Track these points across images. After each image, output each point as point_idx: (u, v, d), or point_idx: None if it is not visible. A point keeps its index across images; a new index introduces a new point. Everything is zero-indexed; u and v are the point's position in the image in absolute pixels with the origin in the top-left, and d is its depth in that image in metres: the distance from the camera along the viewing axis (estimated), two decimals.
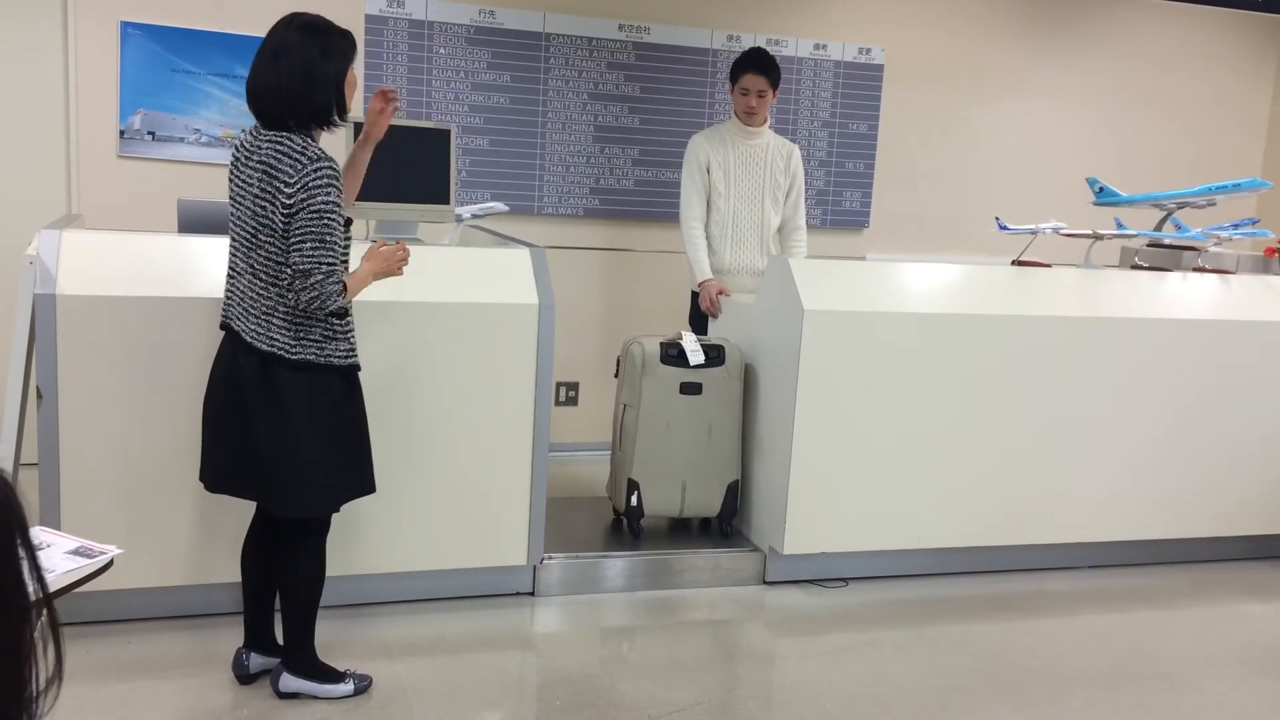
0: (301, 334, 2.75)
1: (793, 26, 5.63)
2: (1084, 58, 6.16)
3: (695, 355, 4.02)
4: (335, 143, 4.80)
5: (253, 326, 2.76)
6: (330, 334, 2.79)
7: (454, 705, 3.05)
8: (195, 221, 3.62)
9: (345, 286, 2.74)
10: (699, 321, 4.60)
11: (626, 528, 4.10)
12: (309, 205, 2.65)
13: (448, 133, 3.75)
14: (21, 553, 0.97)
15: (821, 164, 5.78)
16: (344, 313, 2.80)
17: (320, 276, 2.66)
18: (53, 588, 1.48)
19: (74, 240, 3.21)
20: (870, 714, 3.13)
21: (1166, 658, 3.65)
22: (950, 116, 5.97)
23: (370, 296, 3.40)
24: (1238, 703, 3.34)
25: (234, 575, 3.11)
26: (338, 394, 2.84)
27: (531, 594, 3.80)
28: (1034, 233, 4.44)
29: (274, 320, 2.74)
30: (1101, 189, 5.08)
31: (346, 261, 2.81)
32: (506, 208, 4.44)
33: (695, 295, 4.63)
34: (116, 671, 3.08)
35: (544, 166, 5.34)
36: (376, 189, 3.61)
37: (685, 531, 4.22)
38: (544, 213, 5.37)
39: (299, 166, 2.66)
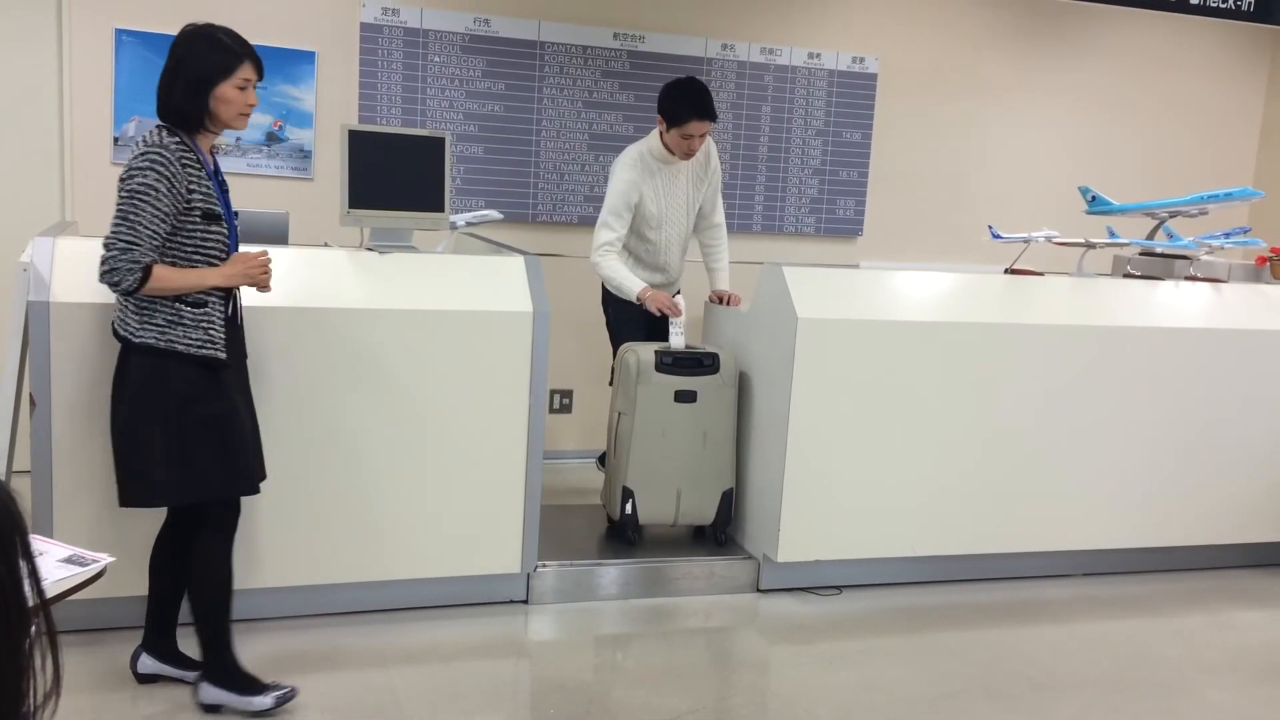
0: (145, 318, 2.78)
1: (787, 35, 5.65)
2: (1077, 67, 6.18)
3: (678, 339, 4.07)
4: (330, 144, 4.83)
5: (116, 312, 2.85)
6: (175, 319, 2.78)
7: (447, 713, 3.05)
8: None
9: (147, 270, 2.69)
10: (623, 330, 4.40)
11: (621, 535, 4.10)
12: (125, 185, 2.72)
13: (442, 141, 3.76)
14: (22, 562, 0.96)
15: (815, 172, 5.79)
16: (201, 302, 2.79)
17: (113, 253, 2.69)
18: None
19: (68, 247, 3.20)
20: None
21: (1161, 664, 3.66)
22: (944, 125, 5.98)
23: (366, 304, 3.42)
24: (1232, 709, 3.34)
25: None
26: (193, 386, 2.80)
27: (525, 602, 3.80)
28: (1027, 241, 4.45)
29: (128, 304, 2.80)
30: (1094, 198, 5.10)
31: (219, 258, 2.84)
32: (501, 215, 4.45)
33: (617, 304, 4.39)
34: (108, 680, 3.07)
35: (538, 174, 5.35)
36: (371, 197, 3.62)
37: (679, 539, 4.22)
38: (538, 220, 5.37)
39: (133, 151, 2.77)
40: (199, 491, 2.87)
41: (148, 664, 3.06)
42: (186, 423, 2.80)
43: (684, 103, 4.15)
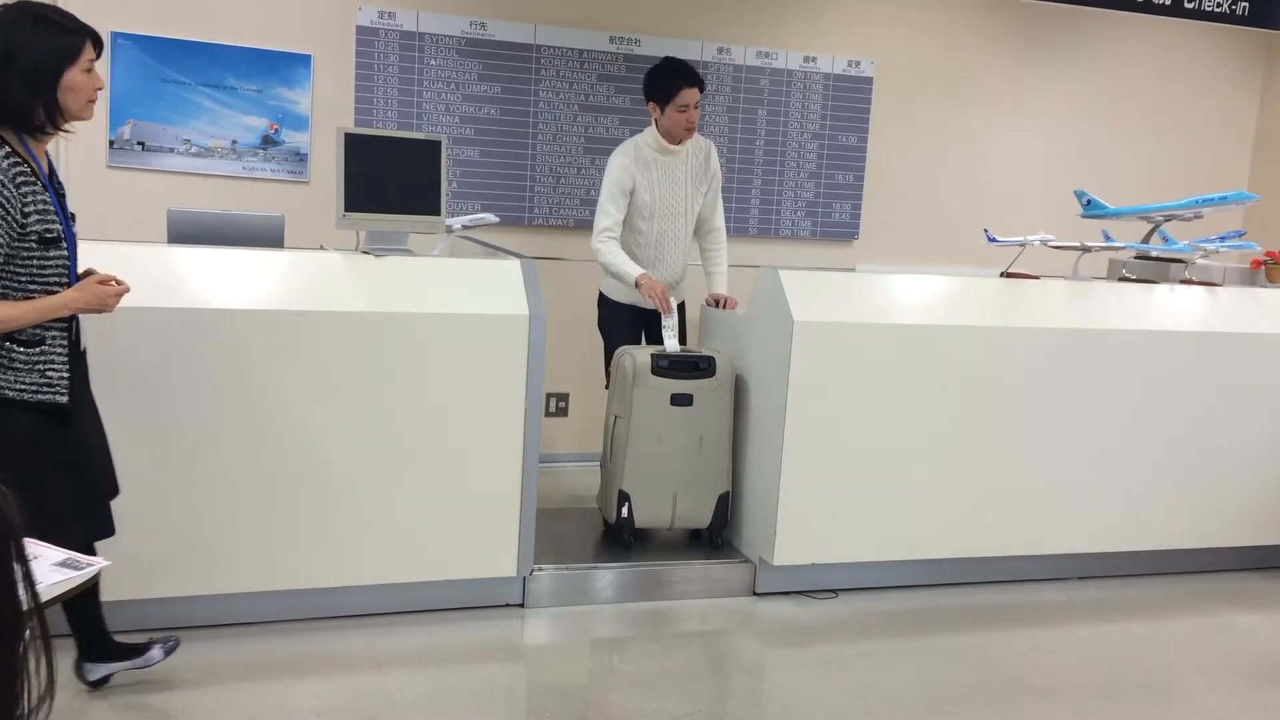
0: None
1: (783, 39, 5.65)
2: (1072, 71, 6.19)
3: (670, 340, 4.08)
4: (326, 147, 4.83)
5: None
6: (5, 363, 2.48)
7: (443, 717, 3.04)
8: (185, 232, 3.61)
9: None
10: (615, 330, 4.44)
11: (617, 539, 4.10)
12: None
13: (438, 144, 3.76)
14: (16, 566, 0.96)
15: (811, 176, 5.79)
16: (36, 340, 2.50)
17: None
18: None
19: None
20: None
21: (1157, 668, 3.66)
22: (939, 129, 5.99)
23: (362, 307, 3.41)
24: (1228, 713, 3.34)
25: (212, 588, 3.08)
26: (33, 435, 2.52)
27: (521, 605, 3.79)
28: (1022, 244, 4.46)
29: None
30: (1089, 201, 5.11)
31: (60, 285, 2.56)
32: (497, 219, 4.45)
33: (609, 304, 4.47)
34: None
35: (535, 178, 5.35)
36: (367, 200, 3.62)
37: (676, 543, 4.22)
38: (535, 224, 5.37)
39: None
40: (68, 543, 2.64)
41: (95, 670, 2.94)
42: (32, 475, 2.49)
43: (669, 75, 4.28)
